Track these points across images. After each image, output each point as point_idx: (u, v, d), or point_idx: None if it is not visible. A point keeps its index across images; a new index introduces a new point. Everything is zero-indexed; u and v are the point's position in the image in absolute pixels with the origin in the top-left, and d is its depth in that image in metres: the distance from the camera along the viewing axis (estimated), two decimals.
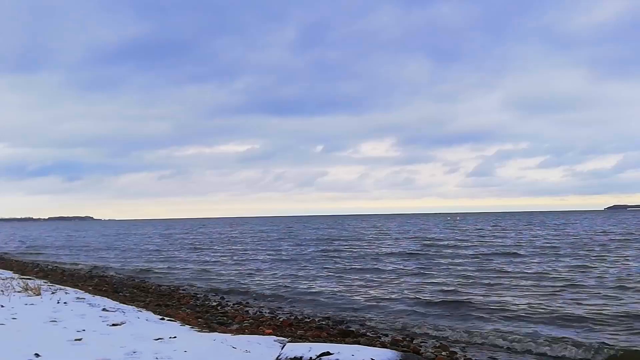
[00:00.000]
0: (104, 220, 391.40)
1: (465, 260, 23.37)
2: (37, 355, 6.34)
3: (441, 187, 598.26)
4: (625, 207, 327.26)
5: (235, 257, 29.17)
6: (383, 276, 18.85)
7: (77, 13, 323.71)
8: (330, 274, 19.97)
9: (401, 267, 21.49)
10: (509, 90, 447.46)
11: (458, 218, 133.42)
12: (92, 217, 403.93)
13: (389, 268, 21.13)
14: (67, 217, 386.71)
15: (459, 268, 20.36)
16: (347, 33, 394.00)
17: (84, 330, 8.13)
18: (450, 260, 23.14)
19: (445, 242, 35.28)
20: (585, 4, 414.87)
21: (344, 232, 55.31)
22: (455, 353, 8.88)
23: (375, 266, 21.92)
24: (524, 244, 32.31)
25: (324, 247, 33.56)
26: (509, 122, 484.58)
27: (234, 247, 37.59)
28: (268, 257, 28.42)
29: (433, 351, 8.86)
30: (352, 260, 24.59)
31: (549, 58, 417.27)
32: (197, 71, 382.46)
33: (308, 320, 11.87)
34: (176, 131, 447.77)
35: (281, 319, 11.78)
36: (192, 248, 38.37)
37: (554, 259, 22.93)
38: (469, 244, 33.72)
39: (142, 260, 29.20)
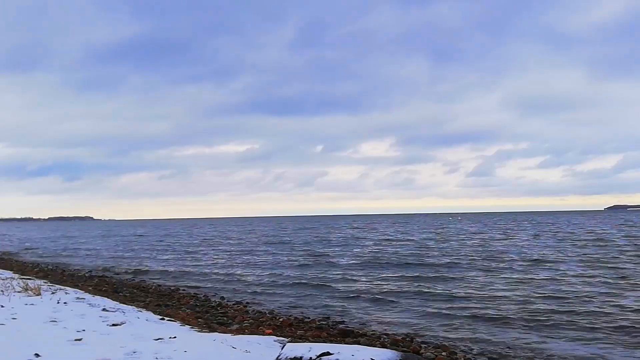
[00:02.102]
0: (104, 220, 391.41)
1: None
2: (37, 355, 6.34)
3: (441, 187, 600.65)
4: (625, 207, 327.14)
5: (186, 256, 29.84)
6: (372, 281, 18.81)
7: (75, 12, 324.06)
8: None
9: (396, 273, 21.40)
10: (509, 90, 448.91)
11: (459, 218, 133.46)
12: (92, 217, 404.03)
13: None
14: (67, 217, 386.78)
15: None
16: (346, 33, 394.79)
17: (84, 330, 8.14)
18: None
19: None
20: (585, 3, 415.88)
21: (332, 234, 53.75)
22: (455, 353, 8.88)
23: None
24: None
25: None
26: (509, 122, 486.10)
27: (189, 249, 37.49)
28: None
29: (433, 351, 8.85)
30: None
31: (549, 58, 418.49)
32: (195, 71, 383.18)
33: (308, 320, 11.87)
34: (176, 131, 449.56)
35: (281, 319, 11.78)
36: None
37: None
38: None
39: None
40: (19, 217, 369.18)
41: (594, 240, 34.81)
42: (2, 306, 10.26)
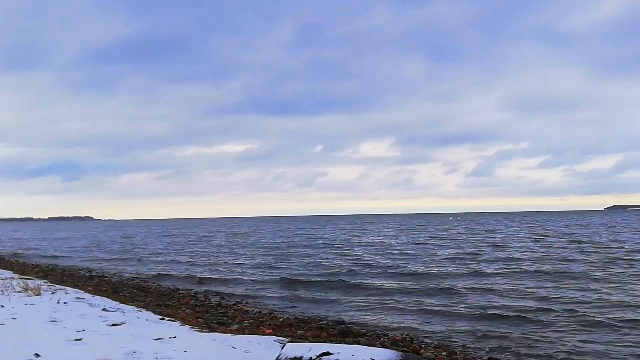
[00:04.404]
0: (104, 220, 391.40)
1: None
2: (37, 355, 6.34)
3: (441, 187, 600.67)
4: (625, 207, 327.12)
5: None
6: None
7: (72, 12, 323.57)
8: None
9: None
10: (508, 89, 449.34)
11: (459, 218, 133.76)
12: (92, 217, 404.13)
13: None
14: (67, 217, 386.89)
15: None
16: (344, 32, 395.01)
17: (84, 330, 8.14)
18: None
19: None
20: (584, 2, 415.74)
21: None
22: (455, 353, 8.88)
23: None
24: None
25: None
26: (509, 122, 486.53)
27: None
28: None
29: (433, 351, 8.85)
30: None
31: (548, 57, 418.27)
32: (193, 70, 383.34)
33: (308, 320, 11.87)
34: (175, 131, 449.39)
35: (281, 319, 11.78)
36: None
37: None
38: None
39: None
40: (19, 217, 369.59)
41: None
42: (2, 306, 10.26)
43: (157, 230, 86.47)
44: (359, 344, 8.45)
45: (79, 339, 7.46)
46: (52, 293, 13.04)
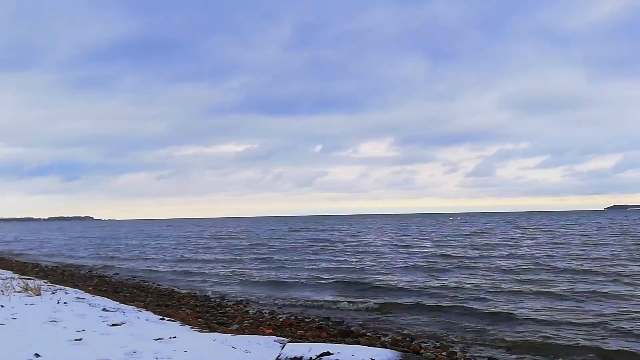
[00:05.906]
0: (104, 220, 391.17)
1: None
2: (37, 355, 6.34)
3: (440, 187, 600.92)
4: (625, 207, 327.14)
5: None
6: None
7: (70, 11, 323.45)
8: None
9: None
10: (507, 89, 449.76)
11: (459, 218, 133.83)
12: (92, 217, 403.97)
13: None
14: (67, 217, 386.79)
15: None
16: (342, 31, 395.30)
17: (84, 330, 8.14)
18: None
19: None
20: (584, 2, 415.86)
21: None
22: (455, 353, 8.88)
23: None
24: None
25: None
26: (508, 121, 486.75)
27: None
28: None
29: (433, 351, 8.86)
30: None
31: (547, 57, 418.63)
32: (192, 70, 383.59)
33: (308, 320, 11.87)
34: (174, 131, 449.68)
35: (281, 319, 11.79)
36: None
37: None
38: None
39: None
40: (19, 217, 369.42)
41: None
42: (2, 306, 10.25)
43: (157, 230, 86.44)
44: (359, 344, 8.45)
45: (79, 339, 7.46)
46: (52, 293, 13.02)
